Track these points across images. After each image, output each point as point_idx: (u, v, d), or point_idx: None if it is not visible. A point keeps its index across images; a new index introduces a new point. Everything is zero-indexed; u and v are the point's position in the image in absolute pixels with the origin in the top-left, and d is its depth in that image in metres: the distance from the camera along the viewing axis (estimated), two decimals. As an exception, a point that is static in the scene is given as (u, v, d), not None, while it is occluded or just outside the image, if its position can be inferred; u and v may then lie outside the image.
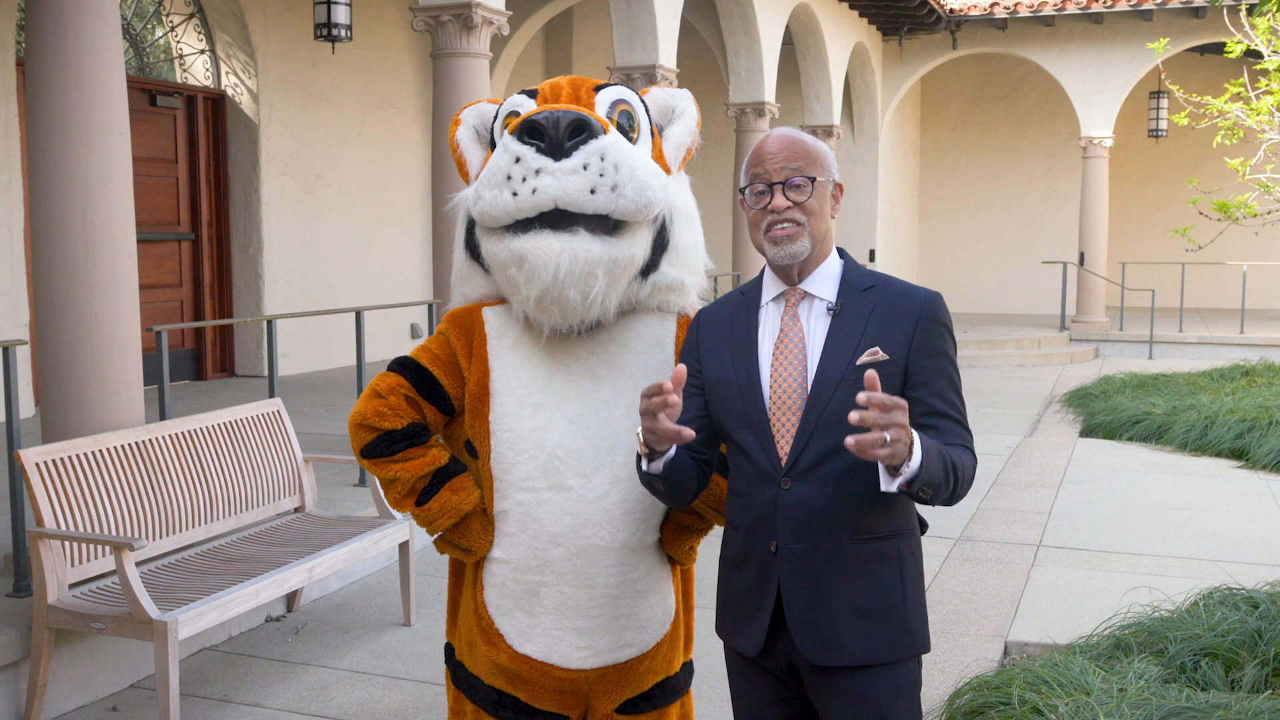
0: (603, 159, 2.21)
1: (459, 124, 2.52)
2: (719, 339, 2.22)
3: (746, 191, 2.17)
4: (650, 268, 2.35)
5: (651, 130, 2.46)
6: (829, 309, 2.13)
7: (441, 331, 2.44)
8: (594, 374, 2.36)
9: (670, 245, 2.37)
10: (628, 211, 2.24)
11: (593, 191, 2.20)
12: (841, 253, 2.21)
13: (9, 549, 4.41)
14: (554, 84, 2.43)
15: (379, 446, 2.36)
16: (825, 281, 2.16)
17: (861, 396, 1.83)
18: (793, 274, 2.16)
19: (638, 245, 2.29)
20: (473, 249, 2.41)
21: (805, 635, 2.08)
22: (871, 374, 1.86)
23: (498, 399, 2.34)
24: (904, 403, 1.85)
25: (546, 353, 2.36)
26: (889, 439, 1.82)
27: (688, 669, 2.59)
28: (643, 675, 2.45)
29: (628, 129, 2.38)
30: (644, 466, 2.13)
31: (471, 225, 2.40)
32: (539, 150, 2.21)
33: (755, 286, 2.24)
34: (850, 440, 1.84)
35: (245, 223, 10.18)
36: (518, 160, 2.22)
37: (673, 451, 2.10)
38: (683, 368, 2.02)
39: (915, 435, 1.89)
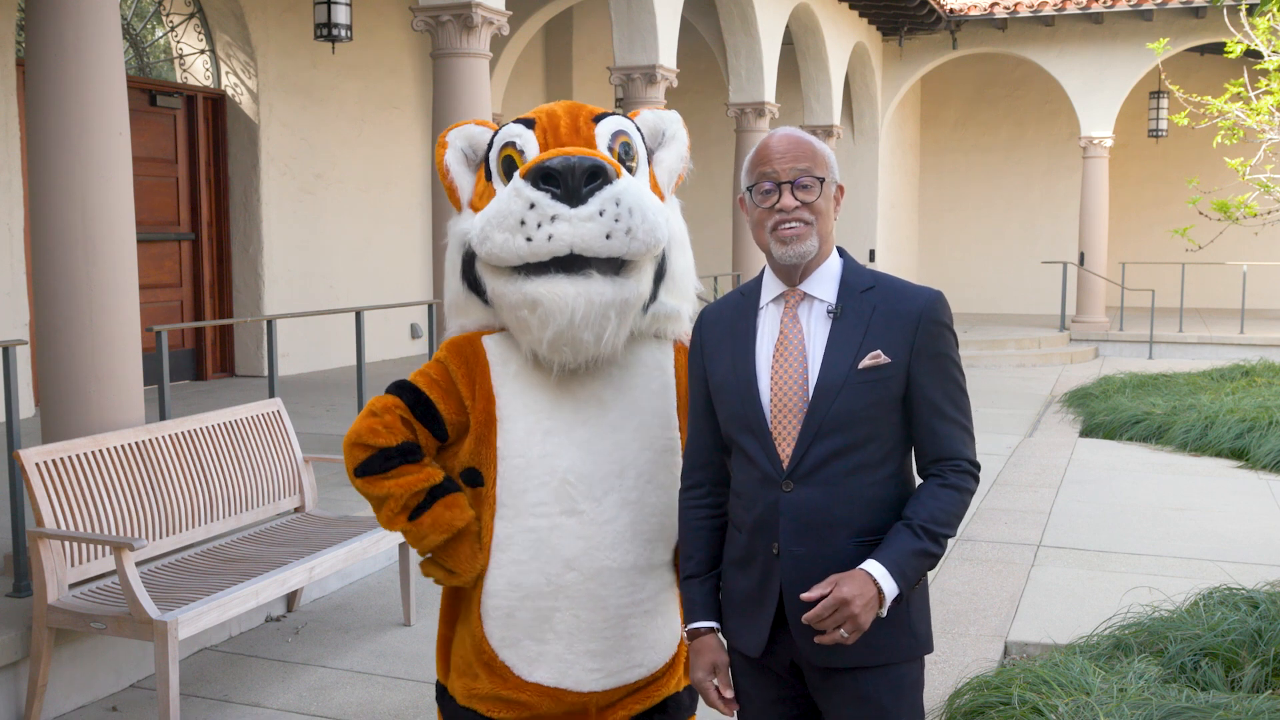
0: (618, 204, 2.23)
1: (446, 147, 2.50)
2: (720, 341, 2.22)
3: (752, 190, 2.15)
4: (650, 299, 2.37)
5: (648, 158, 2.48)
6: (829, 311, 2.12)
7: (440, 360, 2.42)
8: (600, 399, 2.37)
9: (668, 274, 2.40)
10: (639, 253, 2.27)
11: (608, 237, 2.22)
12: (841, 252, 2.21)
13: (9, 549, 4.41)
14: (550, 113, 2.41)
15: (372, 464, 2.35)
16: (825, 282, 2.15)
17: (807, 616, 1.98)
18: (794, 274, 2.15)
19: (644, 282, 2.32)
20: (470, 281, 2.40)
21: (807, 636, 2.08)
22: (810, 595, 1.99)
23: (505, 425, 2.34)
24: (849, 596, 1.97)
25: (552, 380, 2.37)
26: (846, 635, 1.97)
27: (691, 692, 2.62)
28: (650, 694, 2.48)
29: (626, 160, 2.39)
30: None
31: (469, 258, 2.38)
32: (554, 196, 2.21)
33: (755, 287, 2.24)
34: (816, 639, 2.01)
35: (245, 223, 10.18)
36: (532, 206, 2.22)
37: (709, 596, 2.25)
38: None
39: (878, 575, 2.00)
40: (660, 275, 2.37)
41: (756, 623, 2.15)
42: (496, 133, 2.45)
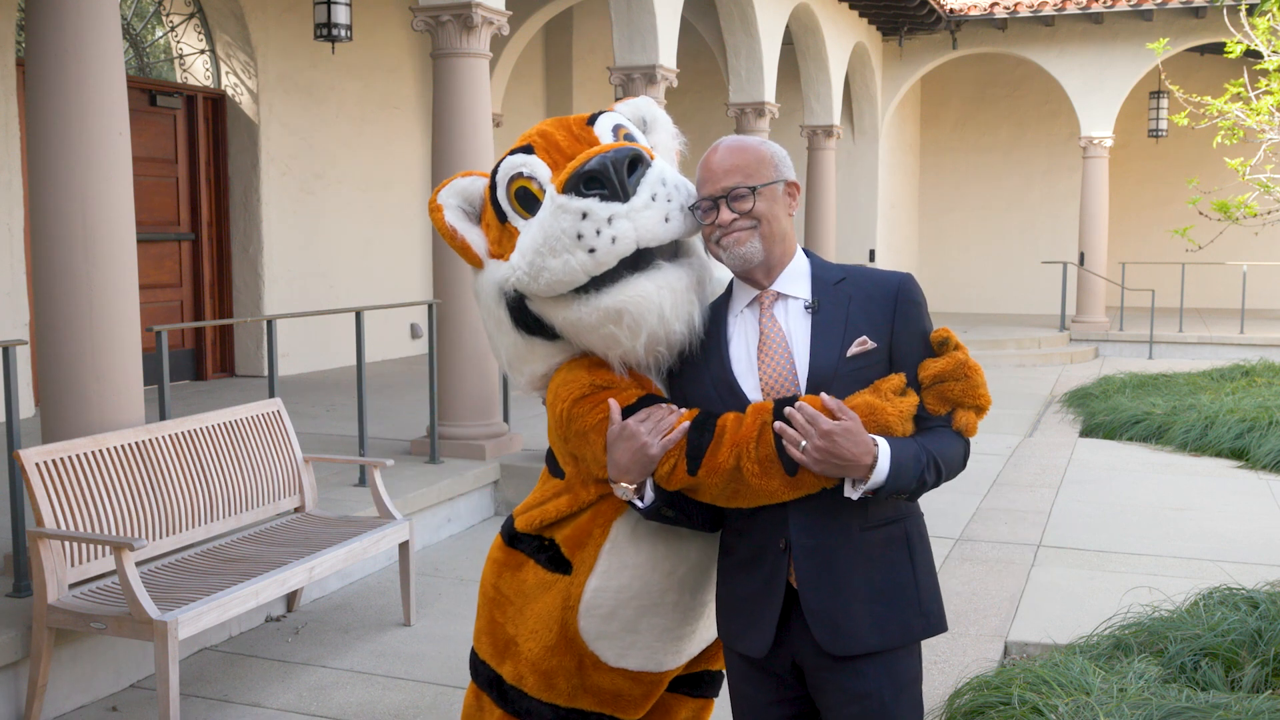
0: (664, 184, 2.18)
1: (442, 209, 2.38)
2: (693, 355, 2.22)
3: (696, 211, 2.18)
4: None
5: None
6: (806, 307, 2.15)
7: (591, 383, 2.26)
8: None
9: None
10: (691, 229, 2.22)
11: (666, 220, 2.16)
12: (807, 251, 2.24)
13: (9, 549, 4.41)
14: (541, 132, 2.35)
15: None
16: (796, 280, 2.18)
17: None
18: (760, 277, 2.17)
19: (702, 256, 2.30)
20: (526, 325, 2.30)
21: (822, 627, 2.10)
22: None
23: None
24: (840, 428, 1.95)
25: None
26: (804, 446, 1.96)
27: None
28: (697, 660, 2.56)
29: None
30: (641, 504, 2.16)
31: (516, 303, 2.29)
32: (604, 198, 2.13)
33: (723, 299, 2.26)
34: (777, 425, 2.00)
35: (245, 223, 10.18)
36: (585, 216, 2.13)
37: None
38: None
39: (882, 450, 1.98)
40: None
41: (762, 621, 2.16)
42: (495, 173, 2.35)
